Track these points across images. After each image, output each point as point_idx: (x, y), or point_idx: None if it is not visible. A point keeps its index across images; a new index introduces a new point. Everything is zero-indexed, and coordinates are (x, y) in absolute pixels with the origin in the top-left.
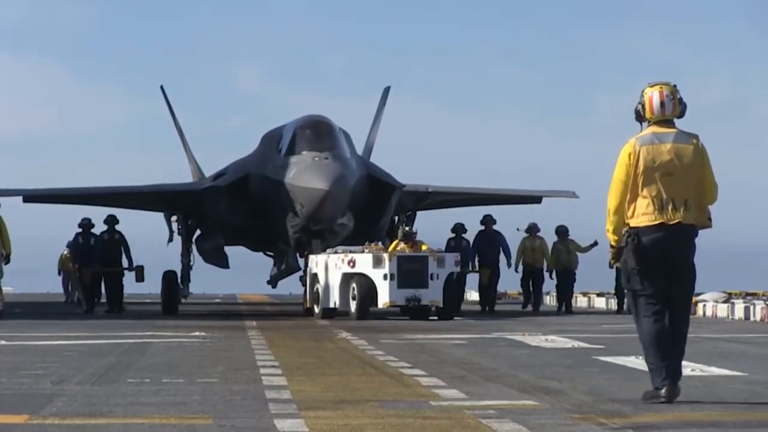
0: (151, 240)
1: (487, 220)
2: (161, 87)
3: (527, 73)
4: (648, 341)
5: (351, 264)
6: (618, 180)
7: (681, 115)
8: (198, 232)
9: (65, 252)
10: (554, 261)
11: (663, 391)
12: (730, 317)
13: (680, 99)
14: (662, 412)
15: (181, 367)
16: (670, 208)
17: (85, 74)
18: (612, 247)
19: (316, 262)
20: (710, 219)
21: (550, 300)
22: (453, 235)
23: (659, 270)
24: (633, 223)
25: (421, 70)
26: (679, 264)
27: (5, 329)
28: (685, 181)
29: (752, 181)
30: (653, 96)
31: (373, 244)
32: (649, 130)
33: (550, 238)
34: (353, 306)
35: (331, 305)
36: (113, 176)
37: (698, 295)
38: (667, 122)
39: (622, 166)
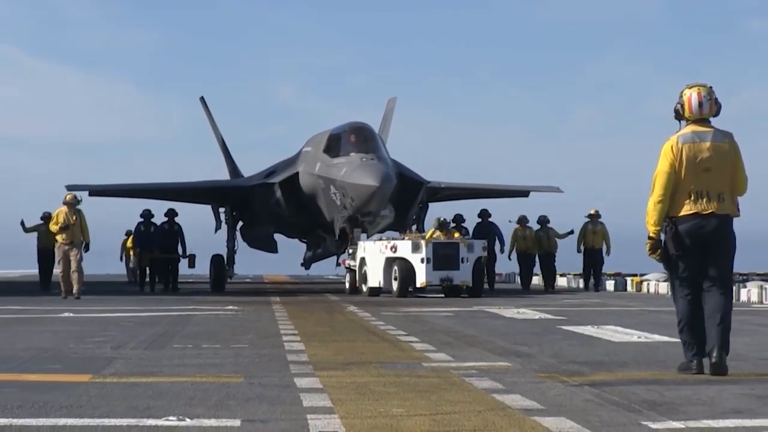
0: (193, 228)
1: (484, 213)
2: (201, 98)
3: (518, 88)
4: (683, 320)
5: (393, 249)
6: (663, 172)
7: (716, 114)
8: (241, 222)
9: (128, 238)
10: (537, 246)
11: (694, 363)
12: (669, 293)
13: (716, 99)
14: (614, 371)
15: (218, 335)
16: (704, 200)
17: (147, 88)
18: (650, 238)
19: (364, 248)
20: (739, 209)
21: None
22: (453, 224)
23: (695, 255)
24: (671, 213)
25: (429, 86)
26: (715, 249)
27: (74, 304)
28: (721, 175)
29: None
30: (692, 96)
31: (414, 233)
32: (688, 128)
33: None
34: (395, 285)
35: (376, 285)
36: (158, 174)
37: (643, 275)
38: (704, 121)
39: (666, 159)
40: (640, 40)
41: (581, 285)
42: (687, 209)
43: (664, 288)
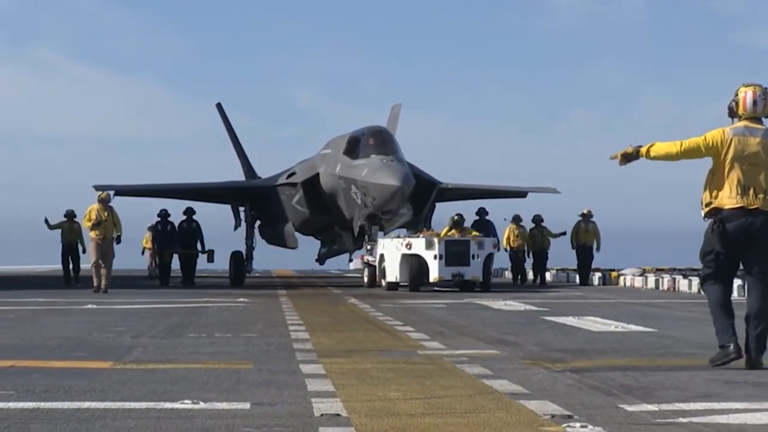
0: (211, 226)
1: (481, 212)
2: (218, 105)
3: (517, 95)
4: (714, 306)
5: (408, 246)
6: (699, 138)
7: None
8: (258, 221)
9: (147, 235)
10: (531, 244)
11: (731, 347)
12: (644, 287)
13: None
14: (593, 359)
15: (229, 325)
16: (750, 194)
17: (174, 90)
18: (632, 151)
19: (383, 245)
20: None
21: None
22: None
23: (737, 252)
24: (717, 204)
25: (434, 92)
26: (759, 245)
27: (97, 296)
28: (766, 172)
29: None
30: (747, 95)
31: (431, 231)
32: (741, 123)
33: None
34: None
35: (394, 279)
36: (182, 172)
37: (620, 270)
38: (757, 119)
39: (708, 135)
40: (631, 49)
41: (562, 279)
42: (733, 202)
43: (639, 282)
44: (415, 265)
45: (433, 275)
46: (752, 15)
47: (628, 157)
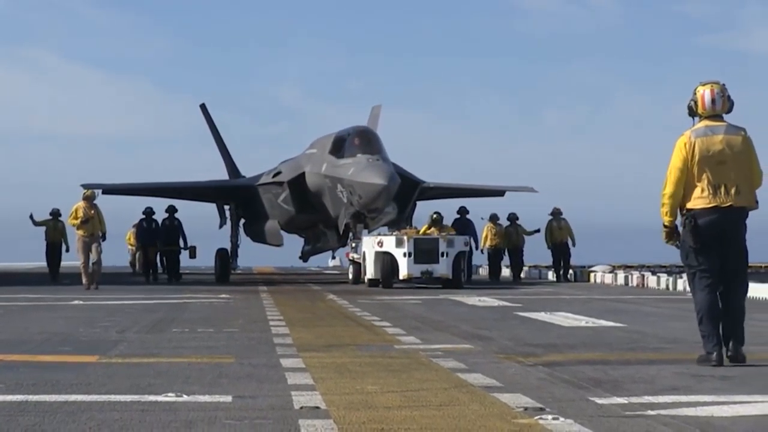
0: (195, 224)
1: (462, 211)
2: (202, 105)
3: (495, 95)
4: (702, 312)
5: (380, 244)
6: (675, 168)
7: (729, 111)
8: (243, 219)
9: (131, 232)
10: (507, 241)
11: (714, 355)
12: (614, 284)
13: (728, 96)
14: (564, 353)
15: (212, 320)
16: (722, 192)
17: (162, 89)
18: (665, 227)
19: (365, 243)
20: (757, 201)
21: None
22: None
23: (714, 248)
24: (689, 205)
25: (418, 91)
26: (732, 242)
27: (82, 293)
28: (735, 168)
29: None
30: (705, 93)
31: (412, 229)
32: (701, 123)
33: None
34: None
35: (372, 276)
36: (170, 170)
37: (590, 267)
38: (717, 117)
39: (678, 155)
40: (605, 51)
41: (534, 276)
42: (706, 202)
43: (609, 278)
44: (386, 263)
45: (403, 272)
46: (722, 19)
47: (671, 234)
